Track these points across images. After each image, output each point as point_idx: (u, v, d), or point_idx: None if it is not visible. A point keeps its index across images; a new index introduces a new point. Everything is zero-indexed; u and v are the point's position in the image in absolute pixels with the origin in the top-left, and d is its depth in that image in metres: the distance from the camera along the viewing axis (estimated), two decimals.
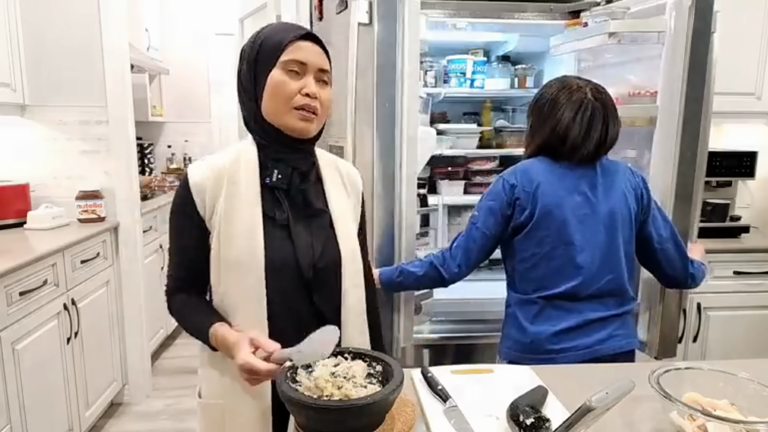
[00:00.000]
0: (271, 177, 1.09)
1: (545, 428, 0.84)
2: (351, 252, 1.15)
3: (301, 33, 1.08)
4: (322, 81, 1.09)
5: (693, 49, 1.70)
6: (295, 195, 1.11)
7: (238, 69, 1.15)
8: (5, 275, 1.82)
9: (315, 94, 1.06)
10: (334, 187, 1.18)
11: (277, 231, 1.08)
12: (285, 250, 1.07)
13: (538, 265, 1.43)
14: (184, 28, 4.58)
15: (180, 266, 1.16)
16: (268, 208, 1.08)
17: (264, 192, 1.09)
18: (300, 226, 1.10)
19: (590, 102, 1.43)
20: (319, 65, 1.08)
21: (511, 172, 1.48)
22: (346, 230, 1.16)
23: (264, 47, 1.08)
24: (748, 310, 2.49)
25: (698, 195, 1.88)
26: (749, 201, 2.90)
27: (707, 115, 1.82)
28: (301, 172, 1.11)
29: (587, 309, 1.41)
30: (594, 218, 1.42)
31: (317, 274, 1.09)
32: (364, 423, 0.84)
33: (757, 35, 2.50)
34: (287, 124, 1.07)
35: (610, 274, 1.43)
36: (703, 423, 0.84)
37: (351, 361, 0.95)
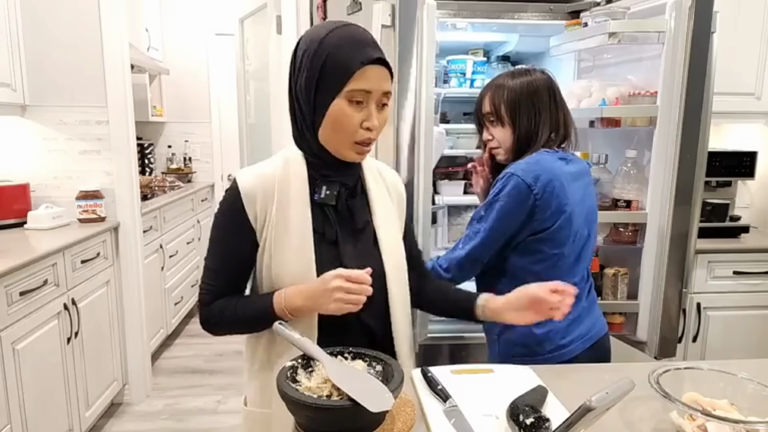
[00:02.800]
0: (319, 193, 1.07)
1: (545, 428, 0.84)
2: (395, 267, 1.13)
3: (372, 57, 0.99)
4: (383, 104, 1.04)
5: (693, 49, 1.70)
6: (342, 211, 1.09)
7: (291, 73, 1.06)
8: (5, 275, 1.82)
9: (377, 126, 1.03)
10: (379, 198, 1.15)
11: (327, 248, 1.06)
12: (334, 267, 1.03)
13: (557, 264, 1.38)
14: (184, 28, 4.58)
15: (221, 276, 1.11)
16: (318, 225, 1.06)
17: (312, 207, 1.07)
18: (348, 243, 1.09)
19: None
20: (383, 90, 1.02)
21: (525, 170, 1.33)
22: (391, 244, 1.14)
23: (329, 68, 0.99)
24: (748, 310, 2.49)
25: (698, 195, 1.88)
26: (749, 201, 2.90)
27: (707, 115, 1.82)
28: (348, 187, 1.10)
29: (580, 298, 1.42)
30: (586, 208, 1.43)
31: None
32: (364, 423, 0.84)
33: (757, 35, 2.50)
34: (343, 155, 1.05)
35: (590, 261, 1.49)
36: (702, 423, 0.84)
37: (351, 361, 0.95)
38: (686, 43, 1.70)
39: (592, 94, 1.99)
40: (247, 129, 3.51)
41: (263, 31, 2.92)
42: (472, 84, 2.39)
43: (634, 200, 1.89)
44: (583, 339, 1.39)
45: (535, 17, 2.17)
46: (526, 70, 1.44)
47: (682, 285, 1.86)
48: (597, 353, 1.41)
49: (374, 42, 1.03)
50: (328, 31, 1.02)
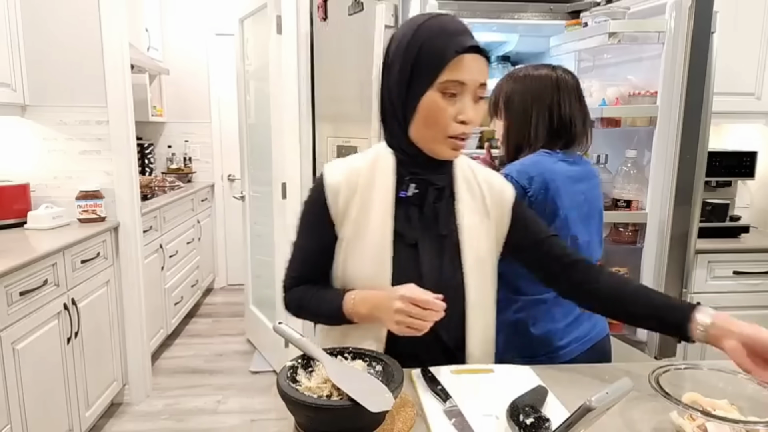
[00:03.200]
0: (406, 191, 1.03)
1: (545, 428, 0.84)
2: (476, 280, 1.06)
3: (466, 45, 0.94)
4: (480, 96, 0.98)
5: (693, 49, 1.70)
6: (427, 213, 1.05)
7: (385, 62, 1.02)
8: (5, 275, 1.82)
9: (472, 120, 0.96)
10: (467, 205, 1.08)
11: (406, 250, 1.03)
12: (411, 271, 1.02)
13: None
14: (184, 28, 4.58)
15: (302, 264, 1.11)
16: (399, 225, 1.03)
17: (396, 205, 1.04)
18: (429, 247, 1.05)
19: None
20: (480, 81, 0.96)
21: (520, 171, 1.31)
22: (474, 254, 1.07)
23: (422, 59, 0.95)
24: (748, 310, 2.49)
25: (698, 195, 1.88)
26: (749, 201, 2.90)
27: (707, 115, 1.82)
28: (437, 188, 1.04)
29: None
30: (587, 212, 1.42)
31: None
32: (364, 423, 0.84)
33: (757, 35, 2.50)
34: (436, 151, 1.00)
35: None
36: (702, 423, 0.84)
37: (351, 360, 0.95)
38: (686, 43, 1.70)
39: (592, 94, 1.99)
40: (247, 129, 3.51)
41: (263, 31, 2.92)
42: None
43: (634, 200, 1.89)
44: (582, 341, 1.38)
45: (535, 17, 2.17)
46: (546, 65, 1.40)
47: (682, 285, 1.86)
48: (596, 355, 1.40)
49: (469, 31, 0.97)
50: (422, 21, 0.98)
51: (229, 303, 4.46)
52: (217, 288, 4.89)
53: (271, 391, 2.95)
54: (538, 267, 1.14)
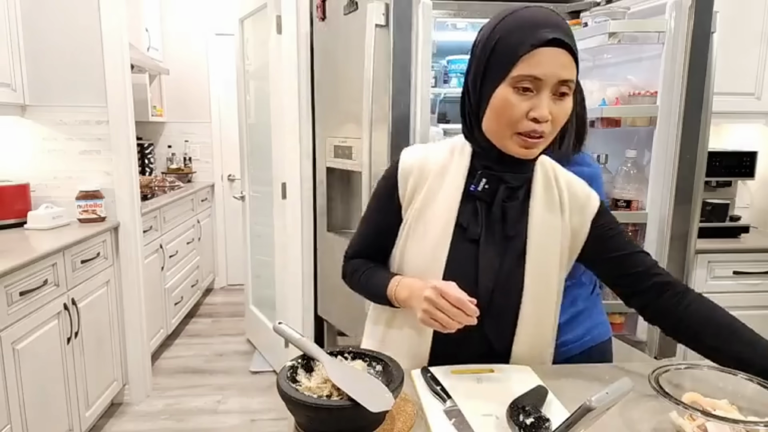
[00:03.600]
0: (477, 185, 1.01)
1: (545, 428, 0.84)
2: (537, 286, 1.02)
3: (544, 39, 0.88)
4: (561, 93, 0.92)
5: (693, 49, 1.70)
6: (496, 211, 1.01)
7: (470, 60, 1.00)
8: (5, 275, 1.82)
9: (545, 117, 0.90)
10: (542, 208, 1.03)
11: (466, 245, 1.01)
12: (467, 267, 1.01)
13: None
14: (184, 28, 4.58)
15: (365, 238, 1.14)
16: (463, 218, 1.01)
17: (464, 199, 1.02)
18: (491, 245, 1.02)
19: None
20: (560, 77, 0.90)
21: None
22: (539, 261, 1.02)
23: (497, 53, 0.92)
24: (748, 310, 2.48)
25: (698, 195, 1.88)
26: (749, 201, 2.90)
27: (707, 115, 1.82)
28: (509, 186, 1.01)
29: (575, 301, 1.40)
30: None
31: (494, 302, 1.01)
32: (364, 423, 0.84)
33: (757, 35, 2.51)
34: (506, 147, 0.96)
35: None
36: (702, 423, 0.84)
37: (351, 360, 0.95)
38: (686, 43, 1.70)
39: (592, 94, 1.99)
40: (247, 129, 3.51)
41: (263, 31, 2.92)
42: None
43: (634, 200, 1.89)
44: (580, 341, 1.39)
45: None
46: None
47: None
48: (594, 356, 1.39)
49: (558, 23, 0.90)
50: (506, 14, 0.94)
51: (229, 303, 4.46)
52: (217, 288, 4.89)
53: (271, 391, 2.95)
54: (616, 284, 1.08)
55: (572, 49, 0.90)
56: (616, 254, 1.05)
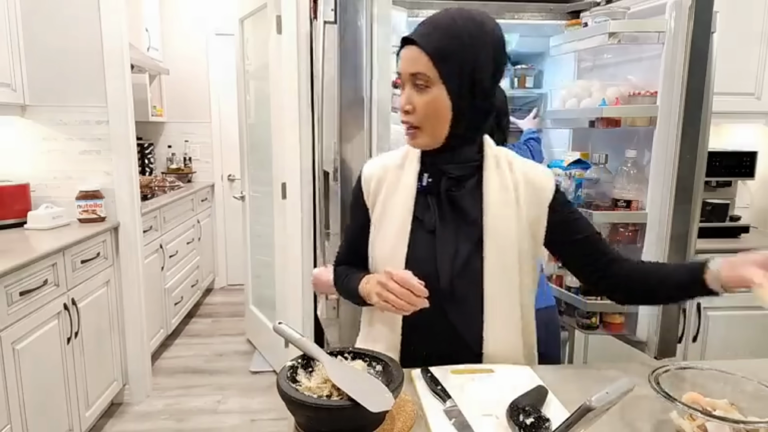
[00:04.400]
0: (422, 181, 1.09)
1: (545, 428, 0.84)
2: (498, 270, 1.06)
3: (405, 39, 1.00)
4: (418, 85, 1.00)
5: (693, 49, 1.70)
6: (443, 201, 1.08)
7: None
8: (5, 275, 1.83)
9: (403, 107, 1.01)
10: (496, 195, 1.08)
11: (424, 236, 1.08)
12: (427, 256, 1.06)
13: None
14: (184, 28, 4.58)
15: (347, 246, 1.24)
16: (420, 212, 1.09)
17: (418, 195, 1.10)
18: (447, 233, 1.07)
19: None
20: (409, 71, 1.00)
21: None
22: (498, 246, 1.06)
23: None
24: (747, 310, 2.49)
25: (698, 195, 1.88)
26: (749, 201, 2.90)
27: (707, 115, 1.82)
28: (452, 177, 1.07)
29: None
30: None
31: (455, 287, 1.06)
32: (364, 423, 0.84)
33: (757, 35, 2.50)
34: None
35: None
36: (702, 423, 0.84)
37: (351, 360, 0.95)
38: (686, 43, 1.70)
39: (592, 94, 1.99)
40: (247, 129, 3.51)
41: (263, 31, 2.92)
42: None
43: (634, 200, 1.89)
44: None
45: (535, 17, 2.17)
46: None
47: None
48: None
49: (433, 24, 1.00)
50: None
51: (229, 303, 4.46)
52: (217, 288, 4.89)
53: (271, 391, 2.95)
54: (583, 265, 1.14)
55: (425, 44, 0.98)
56: (581, 236, 1.11)
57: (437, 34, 0.98)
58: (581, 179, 1.99)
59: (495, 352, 1.10)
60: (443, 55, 0.97)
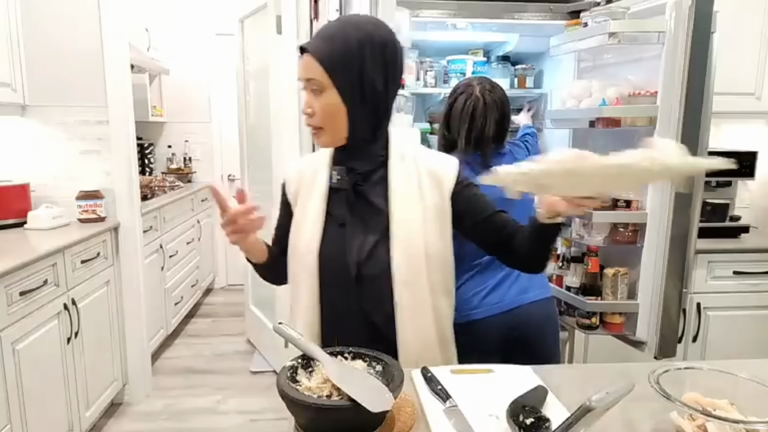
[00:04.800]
0: (331, 179, 1.17)
1: (545, 428, 0.84)
2: (406, 259, 1.11)
3: (300, 50, 1.09)
4: (313, 90, 1.08)
5: (693, 49, 1.70)
6: (351, 195, 1.15)
7: None
8: (5, 275, 1.82)
9: (306, 110, 1.10)
10: (401, 186, 1.14)
11: (335, 229, 1.15)
12: (338, 246, 1.13)
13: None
14: (184, 28, 4.58)
15: (275, 237, 1.30)
16: (332, 207, 1.16)
17: (331, 192, 1.17)
18: (357, 225, 1.14)
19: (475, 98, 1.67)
20: (304, 77, 1.08)
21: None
22: (404, 234, 1.12)
23: None
24: (747, 310, 2.49)
25: (698, 195, 1.88)
26: (749, 201, 2.90)
27: (707, 115, 1.82)
28: (359, 173, 1.14)
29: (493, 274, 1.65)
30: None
31: (363, 275, 1.12)
32: (364, 423, 0.84)
33: (757, 35, 2.51)
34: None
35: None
36: (702, 423, 0.84)
37: (351, 361, 0.95)
38: (686, 43, 1.70)
39: (592, 94, 2.00)
40: (246, 129, 3.51)
41: (263, 31, 2.92)
42: None
43: (634, 200, 1.89)
44: (492, 306, 1.63)
45: (535, 17, 2.17)
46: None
47: (682, 285, 1.86)
48: (515, 318, 1.63)
49: (325, 32, 1.08)
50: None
51: (229, 303, 4.45)
52: (217, 288, 4.89)
53: (271, 391, 2.95)
54: (488, 243, 1.23)
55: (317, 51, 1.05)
56: (487, 214, 1.19)
57: (328, 43, 1.06)
58: None
59: (407, 338, 1.13)
60: (332, 62, 1.05)
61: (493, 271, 1.67)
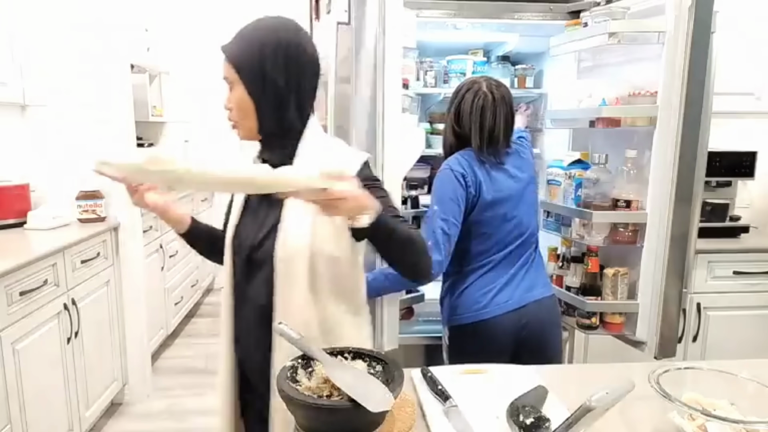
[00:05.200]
0: None
1: (545, 428, 0.84)
2: (287, 251, 1.14)
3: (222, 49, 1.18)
4: (230, 87, 1.16)
5: (693, 49, 1.70)
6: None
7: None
8: (5, 275, 1.83)
9: (226, 106, 1.17)
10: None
11: (249, 215, 1.24)
12: (245, 231, 1.23)
13: (485, 240, 1.68)
14: (184, 29, 4.57)
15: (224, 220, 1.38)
16: (251, 196, 1.26)
17: None
18: (260, 214, 1.22)
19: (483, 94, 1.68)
20: (222, 76, 1.16)
21: (455, 163, 1.67)
22: (292, 227, 1.15)
23: None
24: (747, 310, 2.49)
25: (698, 195, 1.88)
26: (749, 201, 2.90)
27: (707, 115, 1.82)
28: (273, 165, 1.12)
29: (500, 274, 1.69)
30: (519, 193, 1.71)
31: (252, 260, 1.20)
32: (364, 423, 0.84)
33: (758, 35, 2.51)
34: None
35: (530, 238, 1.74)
36: (702, 423, 0.84)
37: (351, 361, 0.95)
38: (686, 43, 1.70)
39: (592, 94, 1.99)
40: None
41: None
42: None
43: (634, 200, 1.89)
44: (500, 304, 1.65)
45: (535, 17, 2.17)
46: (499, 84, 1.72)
47: (682, 285, 1.86)
48: (523, 317, 1.66)
49: (237, 33, 1.15)
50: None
51: None
52: (217, 288, 4.88)
53: None
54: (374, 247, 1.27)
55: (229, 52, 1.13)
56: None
57: (237, 43, 1.14)
58: (581, 179, 1.99)
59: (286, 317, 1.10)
60: (239, 60, 1.13)
61: (504, 269, 1.69)
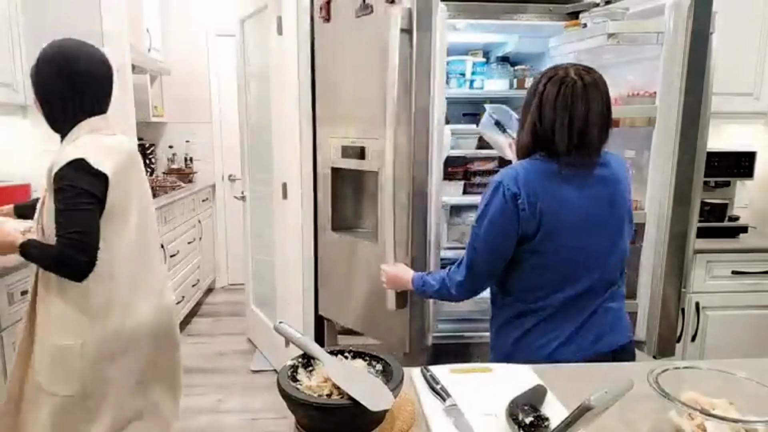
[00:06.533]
0: None
1: (544, 427, 0.85)
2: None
3: None
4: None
5: (692, 49, 1.70)
6: None
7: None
8: (7, 274, 1.83)
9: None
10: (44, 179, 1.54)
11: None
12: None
13: (545, 273, 1.35)
14: (185, 29, 4.58)
15: None
16: None
17: None
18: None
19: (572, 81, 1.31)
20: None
21: (510, 178, 1.33)
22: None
23: None
24: (746, 309, 2.49)
25: (697, 195, 1.88)
26: (748, 201, 2.91)
27: (706, 115, 1.83)
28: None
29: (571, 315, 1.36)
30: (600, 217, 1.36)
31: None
32: (364, 422, 0.84)
33: (756, 35, 2.51)
34: None
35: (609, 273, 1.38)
36: (701, 422, 0.84)
37: (351, 360, 0.95)
38: (685, 43, 1.70)
39: None
40: (247, 129, 3.51)
41: (264, 31, 2.92)
42: (472, 85, 2.39)
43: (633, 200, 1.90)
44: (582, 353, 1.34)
45: (534, 18, 2.18)
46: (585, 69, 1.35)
47: (681, 284, 1.87)
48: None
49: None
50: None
51: (230, 302, 4.46)
52: (218, 287, 4.89)
53: (271, 391, 2.95)
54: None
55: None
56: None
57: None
58: None
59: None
60: (31, 73, 1.50)
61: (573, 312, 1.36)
